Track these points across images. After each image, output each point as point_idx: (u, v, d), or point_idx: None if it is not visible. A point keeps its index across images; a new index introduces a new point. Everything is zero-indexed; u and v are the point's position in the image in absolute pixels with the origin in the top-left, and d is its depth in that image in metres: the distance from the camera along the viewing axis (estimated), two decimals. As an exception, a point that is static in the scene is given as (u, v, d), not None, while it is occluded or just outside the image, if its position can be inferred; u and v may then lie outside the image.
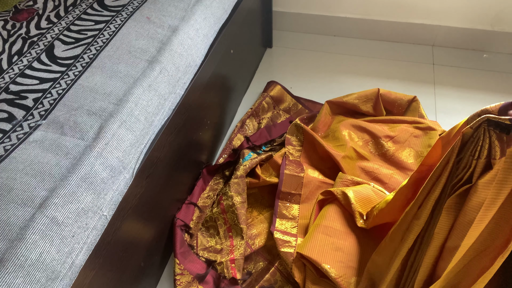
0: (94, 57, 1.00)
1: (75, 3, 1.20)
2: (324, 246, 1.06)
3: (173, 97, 1.01)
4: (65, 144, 0.80)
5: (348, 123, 1.44)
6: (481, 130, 0.67)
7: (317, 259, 1.02)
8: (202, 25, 1.14)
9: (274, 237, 1.14)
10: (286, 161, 1.32)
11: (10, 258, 0.63)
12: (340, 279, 1.00)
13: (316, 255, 1.03)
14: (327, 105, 1.50)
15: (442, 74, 1.72)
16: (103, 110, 0.86)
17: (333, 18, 1.90)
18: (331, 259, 1.03)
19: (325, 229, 1.09)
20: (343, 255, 1.05)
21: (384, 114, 1.48)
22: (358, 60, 1.83)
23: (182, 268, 1.12)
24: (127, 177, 0.84)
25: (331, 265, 1.02)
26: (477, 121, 0.67)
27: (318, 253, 1.04)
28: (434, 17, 1.76)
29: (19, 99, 0.90)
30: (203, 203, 1.27)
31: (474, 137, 0.69)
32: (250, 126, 1.52)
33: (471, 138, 0.70)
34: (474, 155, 0.69)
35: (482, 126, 0.67)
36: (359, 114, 1.52)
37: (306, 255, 1.04)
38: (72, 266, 0.70)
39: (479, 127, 0.68)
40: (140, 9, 1.15)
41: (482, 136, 0.67)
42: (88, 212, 0.74)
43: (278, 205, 1.23)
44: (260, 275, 1.11)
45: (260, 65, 1.85)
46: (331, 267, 1.01)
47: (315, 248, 1.05)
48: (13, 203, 0.70)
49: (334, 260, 1.03)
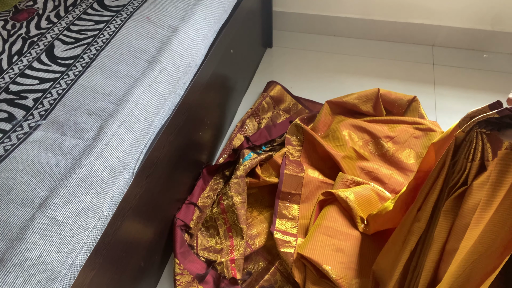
0: (94, 57, 1.00)
1: (75, 3, 1.20)
2: (325, 247, 1.05)
3: (173, 97, 1.01)
4: (65, 144, 0.80)
5: (348, 123, 1.44)
6: (473, 133, 0.68)
7: (318, 260, 1.02)
8: (202, 25, 1.14)
9: (274, 237, 1.14)
10: (286, 161, 1.32)
11: (10, 258, 0.63)
12: (341, 280, 1.00)
13: (317, 256, 1.03)
14: (327, 105, 1.50)
15: (442, 74, 1.72)
16: (103, 110, 0.86)
17: (333, 18, 1.90)
18: (332, 260, 1.03)
19: (326, 229, 1.09)
20: (344, 256, 1.05)
21: (384, 114, 1.48)
22: (358, 60, 1.83)
23: (182, 268, 1.12)
24: (127, 177, 0.84)
25: (332, 266, 1.02)
26: (468, 124, 0.68)
27: (319, 254, 1.04)
28: (434, 17, 1.76)
29: (19, 99, 0.90)
30: (203, 203, 1.27)
31: (466, 140, 0.70)
32: (250, 126, 1.52)
33: (464, 142, 0.70)
34: (468, 158, 0.70)
35: (474, 129, 0.68)
36: (359, 114, 1.52)
37: (307, 256, 1.04)
38: (72, 266, 0.70)
39: (470, 130, 0.68)
40: (140, 9, 1.15)
41: (474, 139, 0.68)
42: (88, 212, 0.74)
43: (278, 205, 1.23)
44: (260, 275, 1.11)
45: (260, 65, 1.85)
46: (332, 268, 1.01)
47: (316, 249, 1.05)
48: (13, 203, 0.70)
49: (335, 261, 1.03)
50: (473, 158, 0.69)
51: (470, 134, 0.69)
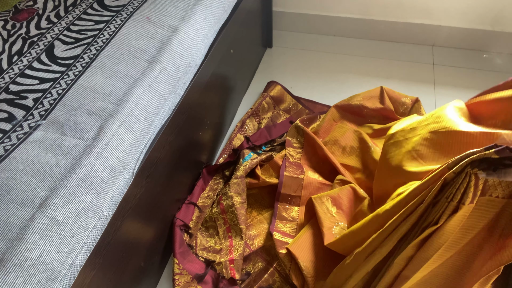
0: (94, 57, 1.00)
1: (75, 3, 1.20)
2: (306, 245, 1.08)
3: (173, 97, 1.01)
4: (65, 144, 0.80)
5: (347, 136, 1.42)
6: (463, 174, 0.67)
7: (298, 256, 1.06)
8: (202, 25, 1.14)
9: (274, 238, 1.14)
10: (286, 163, 1.32)
11: (10, 258, 0.63)
12: (310, 279, 1.03)
13: (296, 251, 1.07)
14: (334, 110, 1.47)
15: (442, 74, 1.72)
16: (103, 110, 0.86)
17: (333, 18, 1.90)
18: (307, 258, 1.06)
19: (314, 229, 1.11)
20: (320, 258, 1.06)
21: (391, 107, 1.45)
22: (358, 60, 1.83)
23: (181, 268, 1.12)
24: (127, 177, 0.85)
25: (306, 263, 1.05)
26: (461, 165, 0.67)
27: (299, 250, 1.07)
28: (434, 17, 1.76)
29: (19, 99, 0.90)
30: (203, 203, 1.27)
31: (453, 181, 0.69)
32: (250, 126, 1.52)
33: (450, 182, 0.70)
34: (448, 197, 0.70)
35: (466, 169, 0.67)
36: (364, 118, 1.48)
37: (290, 250, 1.07)
38: (72, 266, 0.70)
39: (462, 171, 0.67)
40: (140, 9, 1.15)
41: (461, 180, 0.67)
42: (88, 212, 0.74)
43: (278, 207, 1.23)
44: (258, 275, 1.12)
45: (260, 65, 1.85)
46: (306, 265, 1.05)
47: (299, 245, 1.08)
48: (13, 203, 0.70)
49: (310, 259, 1.06)
50: (452, 199, 0.69)
51: (460, 176, 0.68)
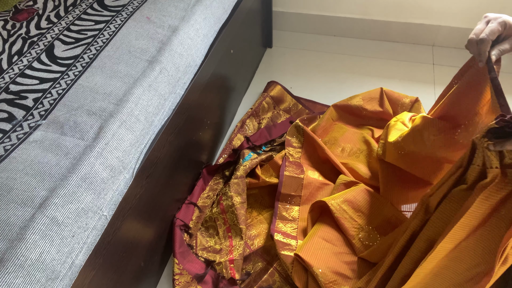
0: (94, 57, 1.00)
1: (75, 3, 1.20)
2: (319, 250, 1.05)
3: (173, 97, 1.01)
4: (65, 144, 0.80)
5: (347, 136, 1.42)
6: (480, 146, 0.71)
7: (311, 262, 1.02)
8: (202, 25, 1.14)
9: (274, 239, 1.14)
10: (286, 163, 1.32)
11: (10, 258, 0.63)
12: (330, 285, 1.00)
13: (310, 257, 1.03)
14: (333, 109, 1.47)
15: (442, 74, 1.72)
16: (103, 110, 0.86)
17: (333, 18, 1.90)
18: (324, 264, 1.03)
19: (323, 233, 1.10)
20: (337, 262, 1.04)
21: (391, 111, 1.46)
22: (358, 60, 1.83)
23: (181, 268, 1.12)
24: (127, 177, 0.85)
25: (322, 269, 1.02)
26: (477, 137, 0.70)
27: (313, 256, 1.04)
28: (434, 17, 1.76)
29: (19, 99, 0.90)
30: (202, 203, 1.27)
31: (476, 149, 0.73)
32: (250, 126, 1.52)
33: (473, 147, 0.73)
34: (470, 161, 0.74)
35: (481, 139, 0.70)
36: (363, 119, 1.48)
37: (302, 257, 1.04)
38: (72, 266, 0.70)
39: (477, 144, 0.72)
40: (140, 9, 1.15)
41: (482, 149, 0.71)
42: (88, 212, 0.74)
43: (278, 207, 1.23)
44: (258, 275, 1.11)
45: (260, 65, 1.85)
46: (322, 272, 1.01)
47: (311, 251, 1.05)
48: (13, 203, 0.70)
49: (327, 265, 1.03)
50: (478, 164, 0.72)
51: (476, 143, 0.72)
